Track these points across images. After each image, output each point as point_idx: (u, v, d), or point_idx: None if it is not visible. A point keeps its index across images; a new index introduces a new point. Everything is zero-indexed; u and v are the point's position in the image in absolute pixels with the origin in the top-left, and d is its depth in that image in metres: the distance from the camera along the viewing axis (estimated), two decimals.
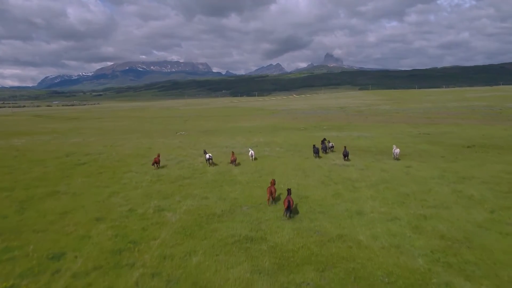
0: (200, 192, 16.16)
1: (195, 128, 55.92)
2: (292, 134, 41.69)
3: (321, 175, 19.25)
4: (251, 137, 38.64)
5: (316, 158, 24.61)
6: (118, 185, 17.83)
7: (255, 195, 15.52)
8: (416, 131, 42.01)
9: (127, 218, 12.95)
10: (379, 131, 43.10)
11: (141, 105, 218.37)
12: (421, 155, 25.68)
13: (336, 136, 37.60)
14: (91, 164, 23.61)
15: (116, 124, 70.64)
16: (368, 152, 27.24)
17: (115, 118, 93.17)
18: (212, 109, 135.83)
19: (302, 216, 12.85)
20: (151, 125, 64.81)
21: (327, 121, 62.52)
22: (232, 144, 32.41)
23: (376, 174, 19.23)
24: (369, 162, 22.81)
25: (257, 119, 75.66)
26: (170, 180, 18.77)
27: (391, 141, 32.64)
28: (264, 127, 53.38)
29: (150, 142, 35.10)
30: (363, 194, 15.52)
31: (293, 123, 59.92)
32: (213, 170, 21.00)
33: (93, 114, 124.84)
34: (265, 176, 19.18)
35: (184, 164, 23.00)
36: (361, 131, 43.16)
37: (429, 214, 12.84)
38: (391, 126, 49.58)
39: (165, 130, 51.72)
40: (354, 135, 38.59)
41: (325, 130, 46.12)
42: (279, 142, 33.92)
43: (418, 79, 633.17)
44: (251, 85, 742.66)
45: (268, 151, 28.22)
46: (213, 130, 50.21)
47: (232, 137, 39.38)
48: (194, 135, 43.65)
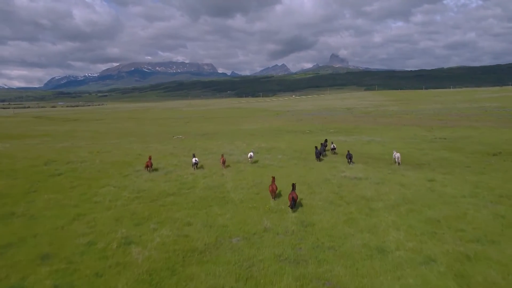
0: (182, 216, 13.28)
1: (194, 130, 53.14)
2: (296, 138, 38.73)
3: (330, 191, 16.28)
4: (252, 141, 35.73)
5: (318, 161, 24.21)
6: (88, 204, 15.00)
7: (249, 221, 12.60)
8: (431, 135, 38.80)
9: (82, 255, 10.09)
10: (391, 134, 39.96)
11: (145, 106, 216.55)
12: (442, 164, 22.57)
13: (344, 141, 34.56)
14: (67, 175, 20.82)
15: (114, 126, 68.14)
16: (381, 161, 24.19)
17: (115, 120, 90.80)
18: (215, 110, 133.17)
19: (307, 255, 9.91)
20: (149, 128, 62.18)
21: (333, 123, 59.40)
22: (230, 151, 29.51)
23: (395, 190, 16.21)
24: (384, 174, 19.78)
25: (260, 121, 72.74)
26: (150, 197, 15.92)
27: (405, 147, 29.56)
28: (267, 130, 50.43)
29: (142, 148, 32.33)
30: (382, 219, 12.53)
31: (298, 126, 56.90)
32: (203, 184, 18.11)
33: (95, 115, 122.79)
34: (263, 192, 16.27)
35: (172, 176, 20.14)
36: (371, 135, 40.05)
37: (473, 252, 9.83)
38: (403, 129, 46.37)
39: (162, 133, 48.98)
40: (364, 139, 35.50)
41: (332, 133, 43.08)
42: (282, 148, 30.97)
43: (425, 80, 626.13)
44: (256, 85, 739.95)
45: (269, 159, 25.29)
46: (212, 133, 47.38)
47: (231, 141, 36.51)
48: (191, 139, 40.84)
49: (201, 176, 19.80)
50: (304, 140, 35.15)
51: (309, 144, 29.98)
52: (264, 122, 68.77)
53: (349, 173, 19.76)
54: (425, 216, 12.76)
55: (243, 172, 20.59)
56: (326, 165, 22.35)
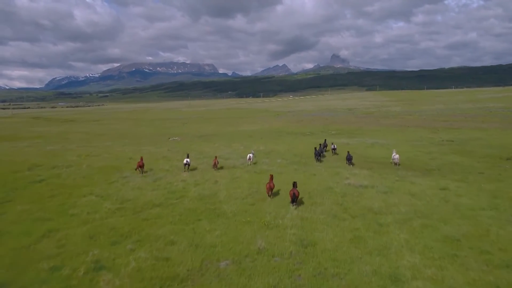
0: (166, 232, 11.73)
1: (192, 132, 51.60)
2: (297, 140, 37.17)
3: (333, 202, 14.72)
4: (251, 144, 34.17)
5: (317, 162, 24.16)
6: (64, 217, 13.46)
7: (241, 239, 11.05)
8: (437, 137, 37.20)
9: (41, 285, 8.56)
10: (395, 137, 38.36)
11: (145, 107, 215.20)
12: (453, 170, 20.98)
13: (347, 143, 32.98)
14: (49, 181, 19.30)
15: (110, 127, 66.62)
16: (387, 166, 22.60)
17: (113, 121, 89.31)
18: (215, 110, 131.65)
19: (307, 285, 8.35)
20: (146, 129, 60.66)
21: (335, 125, 57.82)
22: (227, 154, 27.99)
23: (405, 201, 14.65)
24: (391, 181, 18.20)
25: (260, 122, 71.18)
26: (134, 208, 14.37)
27: (412, 150, 27.98)
28: (267, 132, 48.88)
29: (134, 151, 30.79)
30: (393, 238, 10.97)
31: (298, 127, 55.33)
32: (194, 192, 16.55)
33: (93, 116, 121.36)
34: (259, 203, 14.73)
35: (161, 183, 18.60)
36: (374, 137, 38.47)
37: (504, 283, 8.28)
38: (407, 130, 44.76)
39: (158, 135, 47.44)
40: (367, 142, 33.91)
41: (333, 135, 41.50)
42: (281, 151, 29.41)
43: (426, 80, 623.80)
44: (257, 86, 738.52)
45: (268, 163, 23.73)
46: (210, 135, 45.84)
47: (229, 144, 34.98)
48: (187, 141, 39.31)
49: (192, 184, 18.26)
50: (305, 143, 33.55)
51: (309, 147, 28.40)
52: (264, 123, 67.21)
53: (353, 180, 18.19)
54: (442, 234, 11.19)
55: (239, 180, 19.02)
56: (328, 171, 20.77)
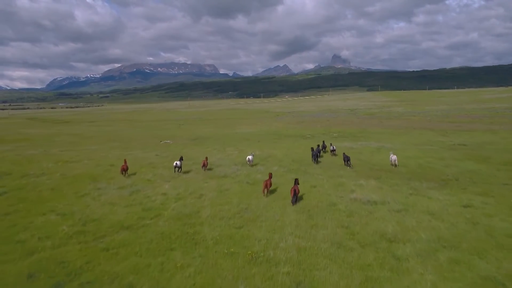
0: (126, 269, 9.20)
1: (186, 134, 49.14)
2: (296, 144, 34.69)
3: (337, 223, 12.20)
4: (246, 148, 31.71)
5: (315, 163, 23.72)
6: (8, 245, 10.95)
7: (219, 281, 8.52)
8: (448, 140, 34.63)
9: None
10: (402, 140, 35.79)
11: (144, 107, 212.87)
12: (473, 180, 18.43)
13: (350, 147, 30.46)
14: (11, 194, 16.82)
15: (103, 129, 64.22)
16: (397, 175, 20.05)
17: (107, 122, 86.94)
18: (214, 111, 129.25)
19: None
20: (139, 131, 58.23)
21: (337, 126, 55.28)
22: (218, 160, 25.51)
23: (424, 223, 12.12)
24: (404, 194, 15.67)
25: (259, 123, 68.69)
26: (97, 232, 11.87)
27: (422, 156, 25.44)
28: (265, 134, 46.39)
29: (119, 156, 28.30)
30: (416, 280, 8.43)
31: (299, 129, 52.82)
32: (172, 210, 14.02)
33: (89, 117, 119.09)
34: (248, 225, 12.23)
35: (138, 197, 16.11)
36: (379, 140, 35.91)
37: None
38: (414, 133, 42.17)
39: (149, 138, 44.96)
40: (372, 146, 31.35)
41: (335, 138, 38.99)
42: (279, 156, 26.91)
43: (427, 80, 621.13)
44: (258, 86, 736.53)
45: (262, 171, 21.20)
46: (204, 138, 43.37)
47: (223, 148, 32.51)
48: (179, 144, 36.84)
49: (173, 198, 15.77)
50: (305, 147, 31.01)
51: (310, 152, 25.94)
52: (263, 124, 64.71)
53: (360, 193, 15.66)
54: (478, 273, 8.67)
55: (227, 193, 16.51)
56: (330, 182, 18.25)
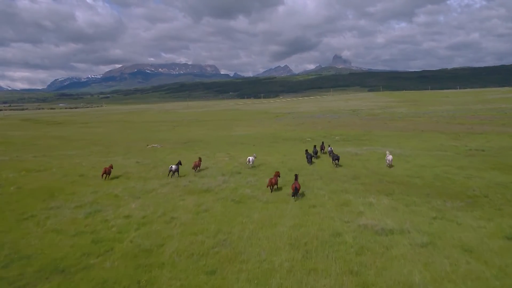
0: None
1: (177, 137, 46.00)
2: (294, 148, 31.48)
3: (343, 267, 8.96)
4: (239, 153, 28.56)
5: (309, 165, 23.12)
6: None
7: None
8: (462, 145, 31.36)
9: None
10: (411, 144, 32.49)
11: (142, 108, 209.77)
12: (508, 197, 15.12)
13: (355, 153, 27.24)
14: None
15: (91, 131, 61.13)
16: (412, 189, 16.78)
17: (100, 124, 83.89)
18: (212, 112, 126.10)
19: None
20: (129, 133, 55.12)
21: (339, 128, 52.05)
22: (204, 169, 22.32)
23: (461, 266, 8.88)
24: (427, 218, 12.42)
25: (257, 124, 65.49)
26: (18, 280, 8.68)
27: (438, 164, 22.18)
28: (262, 137, 43.20)
29: (95, 163, 25.16)
30: None
31: (298, 131, 49.60)
32: (129, 242, 10.80)
33: (84, 118, 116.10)
34: (224, 268, 9.02)
35: (94, 220, 12.90)
36: (386, 144, 32.65)
37: None
38: (423, 136, 38.89)
39: (137, 141, 41.79)
40: (379, 151, 28.06)
41: (338, 142, 35.80)
42: (274, 164, 23.72)
43: (429, 80, 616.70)
44: (259, 87, 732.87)
45: (253, 184, 18.01)
46: (197, 141, 40.21)
47: (213, 153, 29.36)
48: (167, 149, 33.67)
49: (136, 222, 12.57)
50: (304, 153, 27.81)
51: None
52: (261, 126, 61.52)
53: (370, 217, 12.43)
54: None
55: (206, 215, 13.30)
56: (333, 199, 15.02)
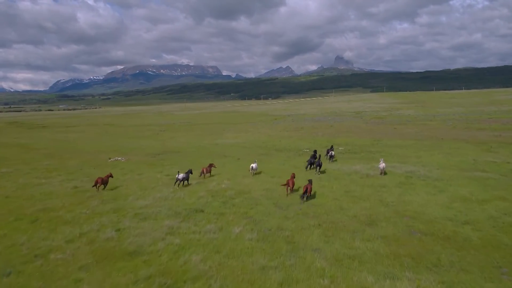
0: None
1: (154, 146, 39.57)
2: (288, 165, 24.90)
3: None
4: (216, 172, 22.06)
5: None
6: None
7: None
8: (503, 161, 24.36)
9: None
10: (436, 159, 25.61)
11: (138, 110, 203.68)
12: None
13: (366, 175, 20.53)
14: None
15: (63, 137, 54.77)
16: (470, 255, 10.10)
17: (81, 128, 77.55)
18: (208, 114, 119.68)
19: None
20: (103, 140, 48.67)
21: (343, 135, 45.41)
22: (151, 204, 15.80)
23: None
24: None
25: (251, 129, 58.96)
26: None
27: (485, 195, 15.52)
28: (252, 146, 36.74)
29: (18, 187, 18.72)
30: None
31: (295, 139, 43.03)
32: None
33: (71, 121, 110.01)
34: None
35: None
36: (404, 158, 25.85)
37: None
38: (445, 146, 32.09)
39: (104, 152, 35.23)
40: (397, 171, 21.24)
41: (342, 154, 29.24)
42: (255, 193, 17.03)
43: (431, 81, 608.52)
44: (260, 88, 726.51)
45: (213, 236, 11.47)
46: (172, 152, 33.77)
47: (183, 171, 22.86)
48: (131, 163, 27.21)
49: None
50: (299, 172, 21.26)
51: (305, 181, 16.35)
52: (255, 131, 54.98)
53: None
54: None
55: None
56: (336, 279, 8.49)
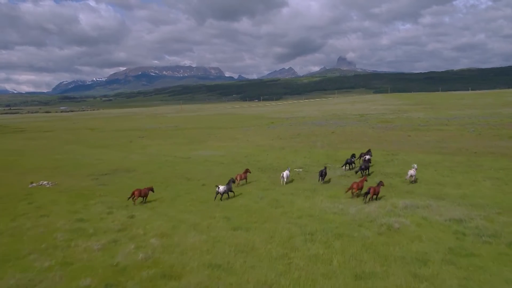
0: None
1: (112, 162, 31.92)
2: (265, 201, 17.09)
3: None
4: (161, 210, 14.31)
5: None
6: None
7: None
8: None
9: None
10: (486, 191, 17.02)
11: (133, 112, 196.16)
12: None
13: (388, 225, 12.66)
14: None
15: (19, 145, 47.74)
16: None
17: (61, 132, 70.54)
18: (201, 117, 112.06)
19: None
20: (60, 151, 41.17)
21: (346, 145, 37.44)
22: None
23: None
24: None
25: (240, 136, 51.15)
26: None
27: None
28: (230, 162, 28.95)
29: None
30: None
31: (287, 151, 35.09)
32: None
33: (54, 124, 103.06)
34: None
35: None
36: (439, 189, 17.57)
37: None
38: (485, 164, 23.72)
39: (37, 172, 27.56)
40: (438, 219, 13.04)
41: (346, 178, 21.39)
42: (192, 278, 9.34)
43: (435, 82, 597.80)
44: (262, 89, 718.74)
45: None
46: (128, 171, 26.14)
47: (113, 209, 15.15)
48: (50, 193, 19.58)
49: None
50: (285, 215, 13.41)
51: (291, 242, 8.55)
52: (242, 139, 47.12)
53: None
54: None
55: None
56: None
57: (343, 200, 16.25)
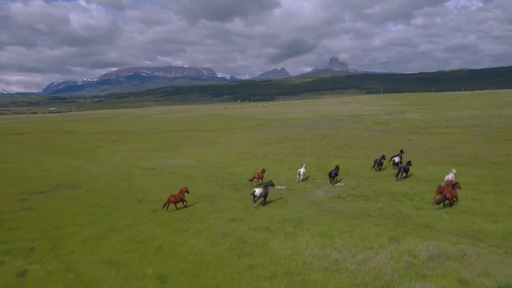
0: None
1: (59, 173, 26.75)
2: (224, 247, 12.24)
3: None
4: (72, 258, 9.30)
5: None
6: None
7: None
8: None
9: None
10: None
11: (119, 113, 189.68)
12: None
13: None
14: None
15: None
16: None
17: (25, 136, 64.71)
18: (187, 118, 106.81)
19: None
20: (10, 160, 35.83)
21: (340, 152, 32.70)
22: None
23: None
24: None
25: (222, 140, 46.17)
26: None
27: None
28: (200, 175, 24.02)
29: None
30: None
31: (271, 159, 30.21)
32: None
33: (28, 126, 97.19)
34: None
35: None
36: (469, 219, 13.21)
37: None
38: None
39: None
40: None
41: (342, 200, 16.64)
42: None
43: (427, 82, 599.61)
44: (254, 89, 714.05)
45: None
46: (67, 188, 21.01)
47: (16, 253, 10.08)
48: None
49: None
50: (246, 275, 8.54)
51: None
52: (223, 144, 42.16)
53: None
54: None
55: None
56: None
57: (339, 240, 11.42)
